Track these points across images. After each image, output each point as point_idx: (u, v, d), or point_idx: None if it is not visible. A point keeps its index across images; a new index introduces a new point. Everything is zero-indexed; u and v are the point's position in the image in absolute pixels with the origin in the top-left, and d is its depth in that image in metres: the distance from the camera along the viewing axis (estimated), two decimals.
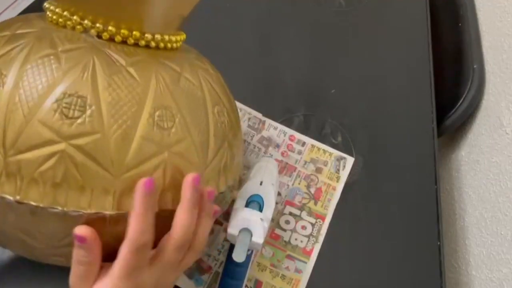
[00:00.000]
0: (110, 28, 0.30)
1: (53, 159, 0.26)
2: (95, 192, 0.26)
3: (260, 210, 0.39)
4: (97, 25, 0.30)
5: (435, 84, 0.67)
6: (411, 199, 0.54)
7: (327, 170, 0.55)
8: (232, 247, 0.37)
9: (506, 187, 0.53)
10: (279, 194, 0.52)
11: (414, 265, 0.49)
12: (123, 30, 0.30)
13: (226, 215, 0.49)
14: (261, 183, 0.42)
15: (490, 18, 0.69)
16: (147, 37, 0.31)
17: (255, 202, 0.39)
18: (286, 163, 0.55)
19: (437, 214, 0.53)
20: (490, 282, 0.51)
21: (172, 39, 0.33)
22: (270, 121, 0.58)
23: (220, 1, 0.71)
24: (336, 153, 0.56)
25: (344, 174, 0.55)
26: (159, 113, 0.29)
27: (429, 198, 0.55)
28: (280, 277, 0.46)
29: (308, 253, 0.48)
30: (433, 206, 0.54)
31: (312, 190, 0.53)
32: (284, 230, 0.49)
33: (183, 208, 0.29)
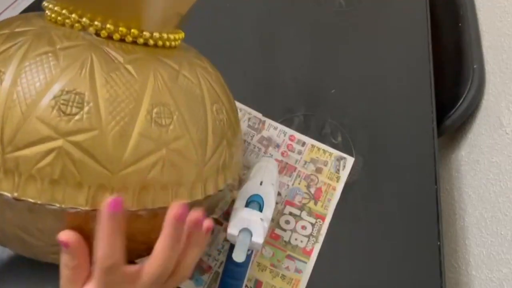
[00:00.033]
0: (109, 26, 0.30)
1: (51, 156, 0.26)
2: (93, 189, 0.26)
3: (260, 210, 0.39)
4: (96, 23, 0.30)
5: (435, 84, 0.67)
6: (411, 199, 0.54)
7: (327, 170, 0.55)
8: (232, 247, 0.37)
9: (506, 187, 0.53)
10: (279, 194, 0.52)
11: (414, 265, 0.49)
12: (121, 28, 0.30)
13: (226, 215, 0.49)
14: (261, 183, 0.42)
15: (490, 18, 0.69)
16: (145, 35, 0.31)
17: (255, 202, 0.39)
18: (286, 163, 0.55)
19: (437, 214, 0.53)
20: (490, 282, 0.51)
21: (171, 37, 0.34)
22: (270, 121, 0.58)
23: (220, 1, 0.71)
24: (336, 153, 0.56)
25: (344, 174, 0.55)
26: (157, 110, 0.29)
27: (429, 198, 0.55)
28: (280, 277, 0.46)
29: (308, 253, 0.48)
30: (433, 206, 0.54)
31: (312, 190, 0.53)
32: (284, 230, 0.49)
33: (162, 244, 0.27)
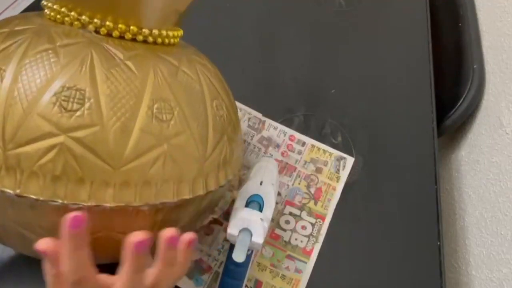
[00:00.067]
0: (108, 23, 0.30)
1: (53, 152, 0.26)
2: (95, 185, 0.26)
3: (260, 210, 0.39)
4: (95, 21, 0.30)
5: (435, 84, 0.67)
6: (411, 199, 0.54)
7: (327, 170, 0.55)
8: (232, 247, 0.37)
9: (506, 187, 0.53)
10: (279, 194, 0.52)
11: (414, 265, 0.49)
12: (121, 25, 0.31)
13: (226, 215, 0.49)
14: (261, 183, 0.42)
15: (490, 18, 0.69)
16: (145, 32, 0.32)
17: (255, 202, 0.39)
18: (286, 163, 0.55)
19: (437, 214, 0.53)
20: (490, 282, 0.51)
21: (170, 34, 0.34)
22: (270, 121, 0.58)
23: (220, 1, 0.71)
24: (336, 153, 0.56)
25: (344, 174, 0.55)
26: (158, 106, 0.29)
27: (429, 198, 0.55)
28: (280, 277, 0.46)
29: (308, 253, 0.48)
30: (433, 206, 0.54)
31: (312, 190, 0.53)
32: (284, 230, 0.49)
33: (123, 272, 0.26)
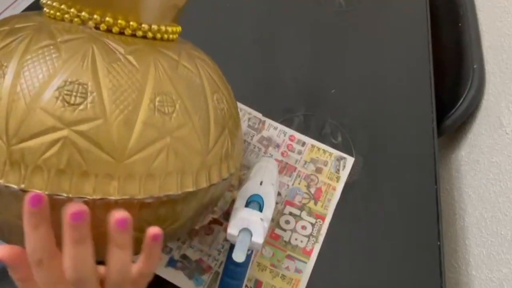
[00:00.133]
0: (108, 19, 0.31)
1: (57, 146, 0.26)
2: (99, 178, 0.26)
3: (260, 210, 0.39)
4: (95, 17, 0.30)
5: (435, 84, 0.67)
6: (411, 199, 0.54)
7: (327, 170, 0.55)
8: (232, 247, 0.37)
9: (506, 187, 0.53)
10: (279, 194, 0.52)
11: (414, 265, 0.49)
12: (120, 21, 0.31)
13: (226, 215, 0.49)
14: (261, 183, 0.42)
15: (490, 18, 0.69)
16: (144, 28, 0.32)
17: (255, 202, 0.39)
18: (286, 163, 0.55)
19: (437, 214, 0.53)
20: (490, 282, 0.51)
21: (169, 30, 0.34)
22: (270, 121, 0.58)
23: (220, 1, 0.71)
24: (336, 153, 0.56)
25: (344, 174, 0.55)
26: (160, 99, 0.29)
27: (429, 198, 0.55)
28: (280, 277, 0.46)
29: (308, 253, 0.48)
30: (433, 206, 0.54)
31: (312, 190, 0.53)
32: (284, 230, 0.49)
33: (65, 243, 0.26)
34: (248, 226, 0.37)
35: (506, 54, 0.62)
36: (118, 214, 0.25)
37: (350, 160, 0.56)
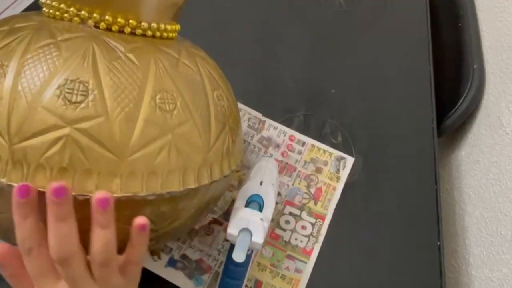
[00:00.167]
0: (107, 18, 0.31)
1: (59, 144, 0.26)
2: (102, 175, 0.27)
3: (260, 210, 0.39)
4: (94, 15, 0.31)
5: (435, 84, 0.67)
6: (411, 199, 0.54)
7: (327, 170, 0.55)
8: (232, 247, 0.37)
9: (506, 187, 0.53)
10: (279, 194, 0.52)
11: (414, 265, 0.49)
12: (120, 19, 0.31)
13: (226, 215, 0.49)
14: (261, 183, 0.42)
15: (490, 18, 0.69)
16: (144, 26, 0.32)
17: (255, 202, 0.39)
18: (286, 163, 0.55)
19: (437, 214, 0.53)
20: (490, 282, 0.51)
21: (168, 28, 0.34)
22: (270, 121, 0.58)
23: (220, 1, 0.71)
24: (336, 153, 0.56)
25: (344, 174, 0.55)
26: (161, 96, 0.29)
27: (429, 198, 0.55)
28: (280, 277, 0.46)
29: (308, 253, 0.48)
30: (433, 206, 0.54)
31: (312, 190, 0.53)
32: (284, 230, 0.49)
33: (49, 221, 0.26)
34: (248, 226, 0.37)
35: (506, 54, 0.62)
36: (100, 194, 0.26)
37: (350, 160, 0.56)
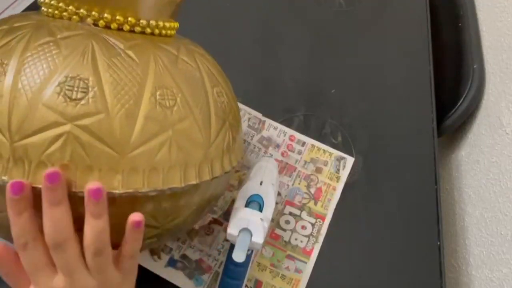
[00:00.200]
0: (106, 16, 0.31)
1: (60, 141, 0.26)
2: (103, 172, 0.27)
3: (260, 210, 0.39)
4: (93, 13, 0.31)
5: (435, 84, 0.67)
6: (411, 199, 0.54)
7: (327, 170, 0.55)
8: (232, 247, 0.37)
9: (506, 187, 0.53)
10: (279, 194, 0.52)
11: (414, 265, 0.49)
12: (119, 17, 0.31)
13: (226, 215, 0.49)
14: (261, 183, 0.42)
15: (490, 18, 0.69)
16: (143, 23, 0.32)
17: (255, 202, 0.39)
18: (286, 163, 0.55)
19: (437, 214, 0.53)
20: (490, 282, 0.51)
21: (167, 26, 0.34)
22: (270, 121, 0.58)
23: (220, 1, 0.71)
24: (336, 153, 0.56)
25: (344, 174, 0.55)
26: (160, 92, 0.29)
27: (429, 198, 0.55)
28: (280, 277, 0.46)
29: (308, 253, 0.48)
30: (433, 206, 0.54)
31: (312, 190, 0.53)
32: (284, 230, 0.49)
33: (43, 206, 0.26)
34: (248, 226, 0.37)
35: (506, 54, 0.62)
36: (93, 185, 0.26)
37: (350, 160, 0.56)
